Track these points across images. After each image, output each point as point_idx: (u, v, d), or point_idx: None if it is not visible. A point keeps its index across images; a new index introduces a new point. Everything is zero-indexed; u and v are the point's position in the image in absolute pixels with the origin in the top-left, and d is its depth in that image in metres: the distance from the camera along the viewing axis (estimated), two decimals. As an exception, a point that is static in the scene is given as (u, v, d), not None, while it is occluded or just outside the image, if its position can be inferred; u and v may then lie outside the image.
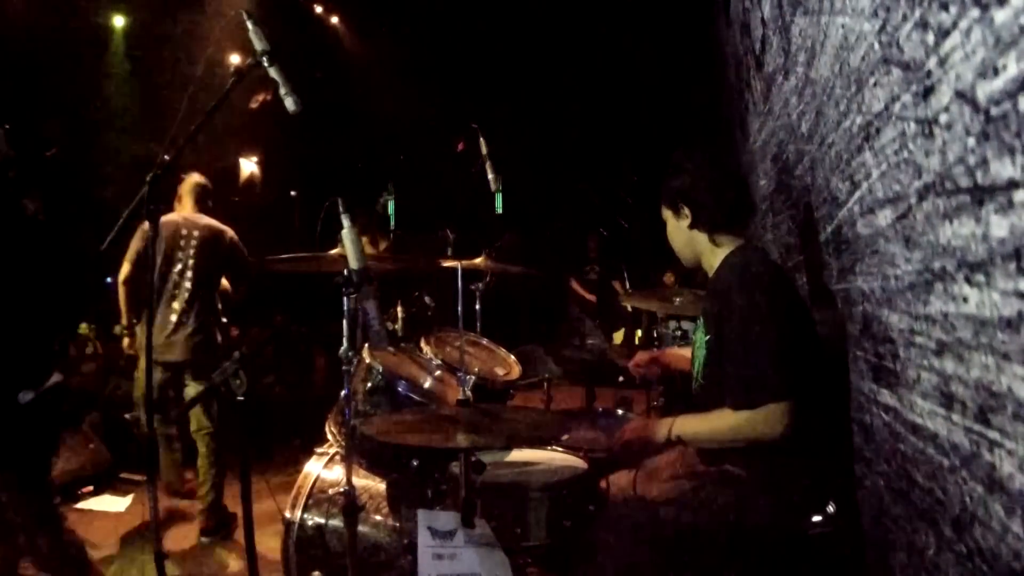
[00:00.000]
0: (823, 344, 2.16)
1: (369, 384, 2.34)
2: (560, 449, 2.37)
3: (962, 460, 1.19)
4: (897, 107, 1.37)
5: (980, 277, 1.06)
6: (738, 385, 1.85)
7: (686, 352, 2.53)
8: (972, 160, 1.05)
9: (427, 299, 4.05)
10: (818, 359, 1.96)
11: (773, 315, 1.85)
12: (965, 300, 1.13)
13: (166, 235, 3.82)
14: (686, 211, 2.05)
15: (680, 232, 2.11)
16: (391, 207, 3.91)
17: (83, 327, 6.06)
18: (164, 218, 3.84)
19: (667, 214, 2.14)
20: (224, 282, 4.21)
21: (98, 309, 6.59)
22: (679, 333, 3.71)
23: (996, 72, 0.95)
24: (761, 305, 1.85)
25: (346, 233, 1.92)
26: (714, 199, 2.02)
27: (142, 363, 4.02)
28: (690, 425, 1.95)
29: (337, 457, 2.58)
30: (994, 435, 1.06)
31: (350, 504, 2.06)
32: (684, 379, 2.52)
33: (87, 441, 4.65)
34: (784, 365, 1.79)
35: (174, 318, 3.81)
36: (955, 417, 1.21)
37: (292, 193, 9.44)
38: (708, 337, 2.01)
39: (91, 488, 4.42)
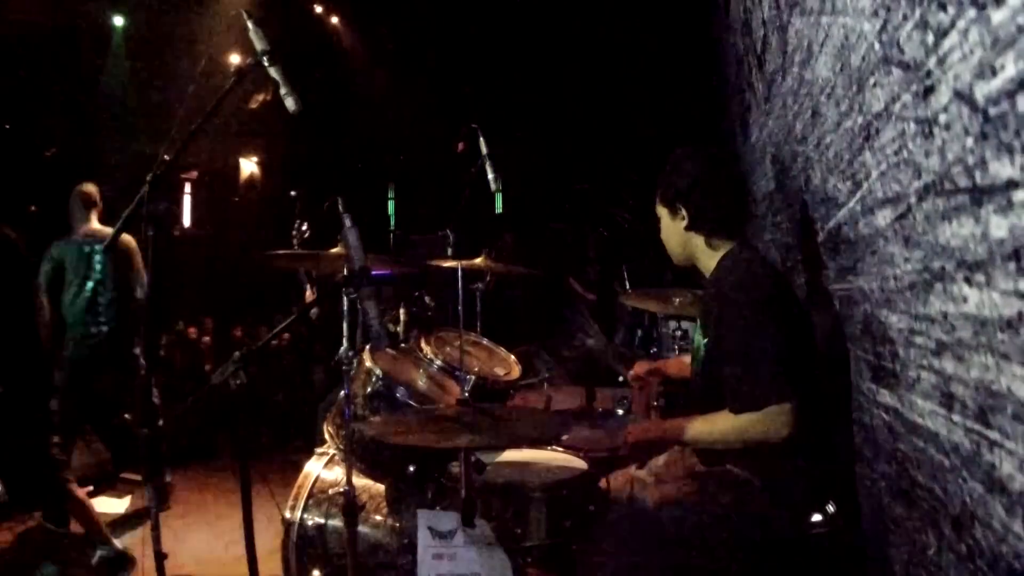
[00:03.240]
0: (823, 344, 2.16)
1: (369, 389, 2.34)
2: (560, 449, 2.37)
3: (962, 460, 1.19)
4: (897, 107, 1.37)
5: (980, 277, 1.06)
6: (741, 387, 1.84)
7: (686, 359, 2.53)
8: (971, 160, 1.05)
9: (427, 299, 4.05)
10: (815, 360, 1.96)
11: (773, 316, 1.84)
12: (965, 300, 1.13)
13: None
14: (683, 213, 2.04)
15: (675, 232, 2.09)
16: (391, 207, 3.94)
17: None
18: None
19: (663, 212, 2.12)
20: None
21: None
22: (679, 333, 3.71)
23: (994, 72, 0.95)
24: (760, 306, 1.85)
25: (347, 232, 1.92)
26: (713, 203, 2.01)
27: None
28: (694, 427, 1.95)
29: (337, 457, 2.58)
30: (994, 435, 1.06)
31: (350, 504, 2.06)
32: (684, 380, 2.52)
33: (87, 441, 4.65)
34: (786, 366, 1.78)
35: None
36: (955, 417, 1.21)
37: (292, 193, 9.44)
38: (706, 340, 2.01)
39: (91, 488, 4.42)
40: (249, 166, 9.40)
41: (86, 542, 3.50)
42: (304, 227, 3.16)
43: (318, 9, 8.69)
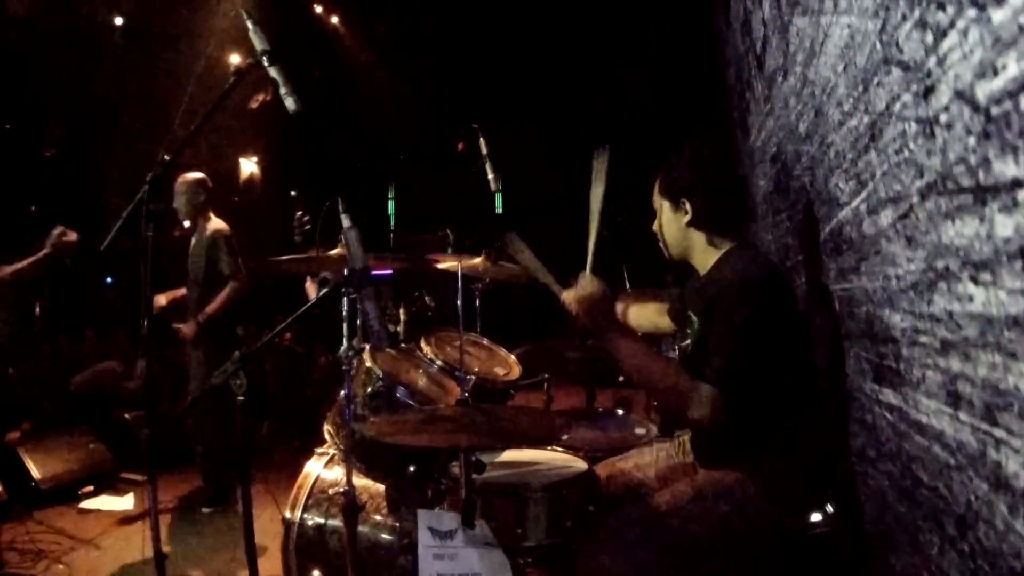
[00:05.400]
0: (823, 344, 2.15)
1: (369, 389, 2.33)
2: (560, 449, 2.36)
3: (968, 459, 1.19)
4: (898, 107, 1.37)
5: (986, 276, 1.06)
6: (699, 357, 1.84)
7: (645, 311, 2.51)
8: (973, 160, 1.05)
9: (427, 299, 4.05)
10: (809, 359, 1.94)
11: (753, 320, 1.79)
12: (971, 299, 1.12)
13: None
14: (687, 207, 2.00)
15: (675, 226, 2.06)
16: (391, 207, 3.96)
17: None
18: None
19: (664, 205, 2.08)
20: None
21: (98, 309, 6.61)
22: (679, 333, 3.70)
23: (996, 72, 0.95)
24: (746, 306, 1.80)
25: (348, 232, 1.91)
26: (718, 201, 1.99)
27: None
28: (634, 351, 1.94)
29: (337, 457, 2.58)
30: (1000, 433, 1.06)
31: (350, 504, 2.06)
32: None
33: (87, 441, 4.65)
34: (737, 361, 1.76)
35: None
36: (961, 416, 1.21)
37: (292, 193, 9.44)
38: (699, 334, 1.99)
39: (91, 488, 4.42)
40: (249, 166, 9.39)
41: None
42: (306, 217, 3.15)
43: (318, 9, 8.69)
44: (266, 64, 2.05)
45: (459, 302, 2.74)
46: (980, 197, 1.05)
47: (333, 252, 2.57)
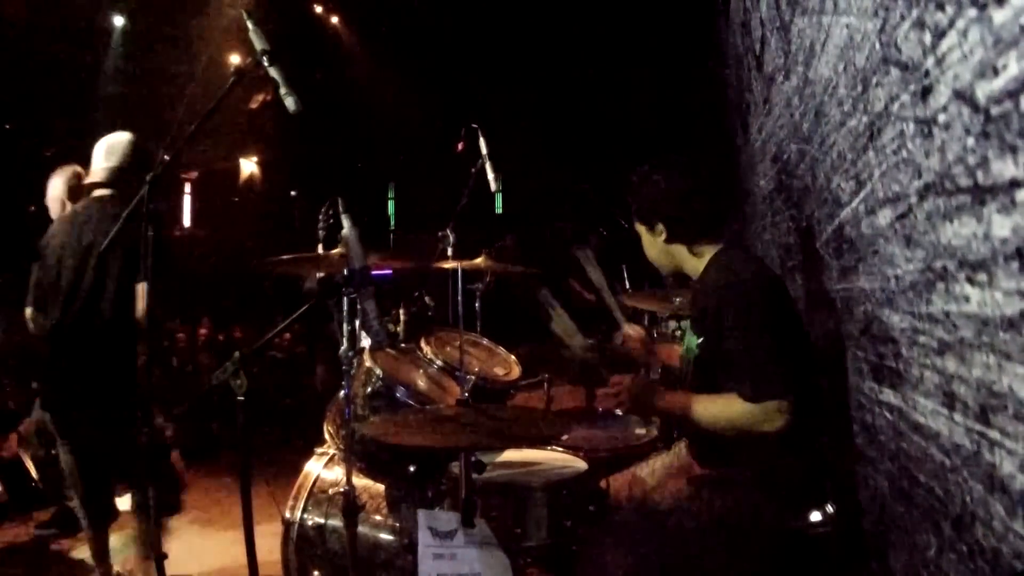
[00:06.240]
0: (823, 343, 2.16)
1: (369, 389, 2.33)
2: (560, 449, 2.36)
3: (963, 460, 1.19)
4: (896, 107, 1.37)
5: (982, 276, 1.06)
6: (742, 380, 1.84)
7: (676, 348, 2.53)
8: (972, 160, 1.05)
9: (427, 299, 4.05)
10: (809, 357, 1.95)
11: (771, 315, 1.85)
12: (967, 300, 1.12)
13: None
14: (660, 227, 2.03)
15: (656, 246, 2.09)
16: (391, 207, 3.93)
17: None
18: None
19: (641, 229, 2.12)
20: None
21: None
22: (679, 333, 3.70)
23: (996, 72, 0.95)
24: (759, 305, 1.84)
25: (348, 232, 1.91)
26: (687, 212, 2.00)
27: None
28: (695, 403, 1.94)
29: (337, 457, 2.58)
30: (995, 435, 1.06)
31: (350, 504, 2.06)
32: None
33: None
34: (783, 362, 1.79)
35: None
36: (957, 416, 1.21)
37: (292, 193, 9.46)
38: (700, 340, 2.00)
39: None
40: (249, 166, 9.41)
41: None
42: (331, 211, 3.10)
43: (318, 9, 8.69)
44: (266, 64, 2.04)
45: (459, 302, 2.75)
46: (978, 197, 1.05)
47: (334, 252, 2.56)
